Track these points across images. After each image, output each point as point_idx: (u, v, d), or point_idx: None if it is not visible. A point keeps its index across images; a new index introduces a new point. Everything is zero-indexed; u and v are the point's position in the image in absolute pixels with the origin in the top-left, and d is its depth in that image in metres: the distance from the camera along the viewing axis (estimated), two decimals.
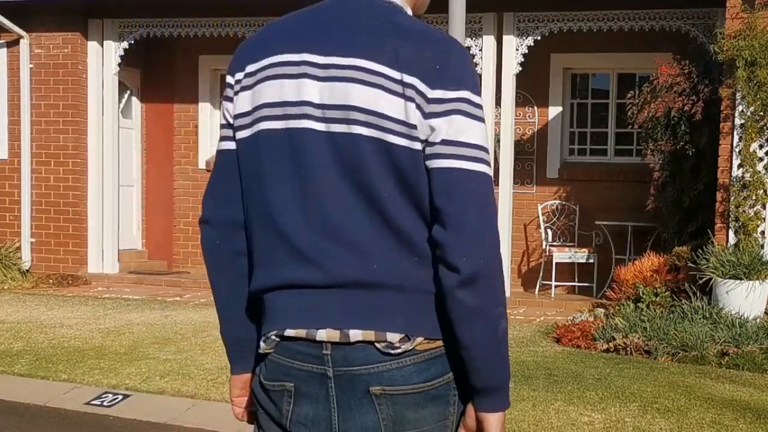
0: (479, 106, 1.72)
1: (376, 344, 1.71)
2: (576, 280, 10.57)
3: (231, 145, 1.86)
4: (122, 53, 10.80)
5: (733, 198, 7.95)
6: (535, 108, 10.84)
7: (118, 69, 10.87)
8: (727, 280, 7.67)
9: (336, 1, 1.82)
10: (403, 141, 1.68)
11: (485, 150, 1.71)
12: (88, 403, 5.76)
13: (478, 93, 1.74)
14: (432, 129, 1.68)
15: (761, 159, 7.95)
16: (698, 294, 7.83)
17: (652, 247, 9.27)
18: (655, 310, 7.90)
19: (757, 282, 7.64)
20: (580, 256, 10.27)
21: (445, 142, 1.68)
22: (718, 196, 8.12)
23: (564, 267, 10.46)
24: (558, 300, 9.97)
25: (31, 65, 10.79)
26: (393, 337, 1.71)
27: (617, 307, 8.18)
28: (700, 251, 7.90)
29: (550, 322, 8.49)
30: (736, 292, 7.63)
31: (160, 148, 11.76)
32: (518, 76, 10.56)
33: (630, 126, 9.30)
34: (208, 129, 11.73)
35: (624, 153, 10.72)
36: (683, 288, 8.05)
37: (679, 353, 7.10)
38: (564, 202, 10.74)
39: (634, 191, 10.02)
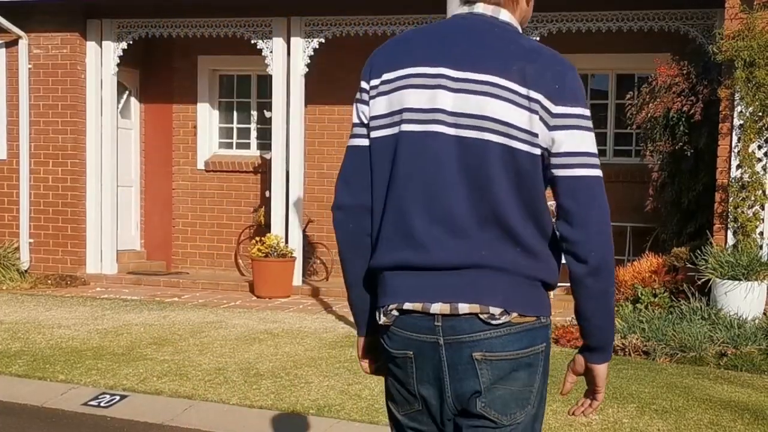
0: (589, 119, 2.10)
1: (480, 315, 2.09)
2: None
3: (365, 142, 2.21)
4: (121, 53, 10.80)
5: (731, 199, 7.94)
6: None
7: (116, 69, 10.86)
8: (726, 281, 7.66)
9: (461, 20, 2.18)
10: (525, 147, 2.06)
11: (597, 156, 2.11)
12: (85, 404, 5.75)
13: (585, 105, 2.10)
14: (554, 140, 2.06)
15: (760, 160, 7.94)
16: (697, 295, 7.82)
17: (651, 248, 9.26)
18: (653, 311, 7.89)
19: (756, 283, 7.63)
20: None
21: (568, 154, 2.07)
22: (717, 196, 8.11)
23: (565, 268, 10.42)
24: (558, 300, 9.93)
25: (30, 65, 10.78)
26: (495, 310, 2.10)
27: (616, 308, 8.17)
28: (699, 252, 7.89)
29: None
30: (734, 293, 7.62)
31: (159, 148, 11.75)
32: None
33: (629, 126, 9.29)
34: (207, 129, 11.72)
35: (623, 154, 10.70)
36: (682, 289, 8.03)
37: (677, 354, 7.09)
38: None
39: (633, 192, 10.00)
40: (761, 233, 7.98)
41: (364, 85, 2.21)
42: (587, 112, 2.10)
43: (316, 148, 11.28)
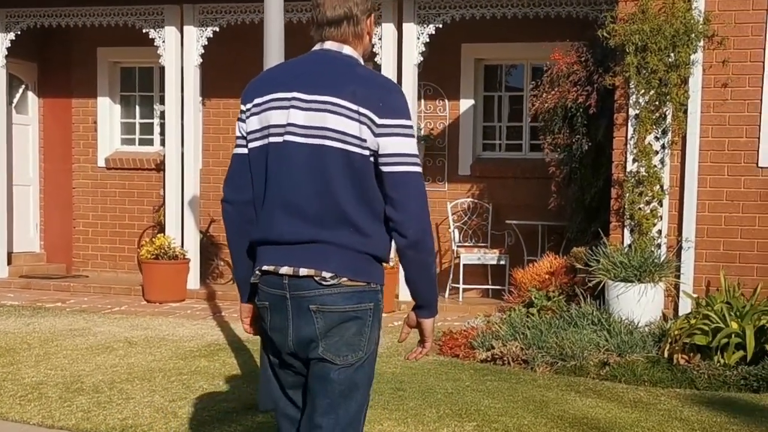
0: (409, 128, 2.72)
1: (315, 278, 2.71)
2: (489, 282, 10.01)
3: (244, 151, 2.86)
4: (9, 45, 10.19)
5: (627, 195, 7.37)
6: (446, 101, 10.25)
7: (5, 62, 10.25)
8: (618, 283, 7.10)
9: (314, 55, 2.84)
10: (357, 149, 2.68)
11: (417, 156, 2.73)
12: None
13: (410, 118, 2.74)
14: (379, 144, 2.67)
15: (657, 152, 7.37)
16: (589, 299, 7.26)
17: (562, 248, 8.69)
18: (544, 316, 7.32)
19: (650, 285, 7.06)
20: (490, 257, 9.69)
21: (390, 155, 2.68)
22: (613, 192, 7.54)
23: (477, 269, 9.88)
24: (465, 304, 9.39)
25: None
26: (326, 274, 2.71)
27: (509, 312, 7.60)
28: (592, 252, 7.32)
29: (446, 328, 7.89)
30: (626, 296, 7.06)
31: (59, 144, 11.15)
32: (428, 67, 10.03)
33: (531, 119, 8.72)
34: (108, 125, 11.12)
35: (540, 148, 10.11)
36: (579, 291, 7.47)
37: (558, 363, 6.53)
38: (477, 201, 10.15)
39: (547, 189, 9.42)
40: (660, 231, 7.41)
41: (242, 107, 2.88)
42: (408, 123, 2.72)
43: (221, 144, 10.69)
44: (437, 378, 6.12)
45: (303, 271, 2.72)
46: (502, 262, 9.62)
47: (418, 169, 2.74)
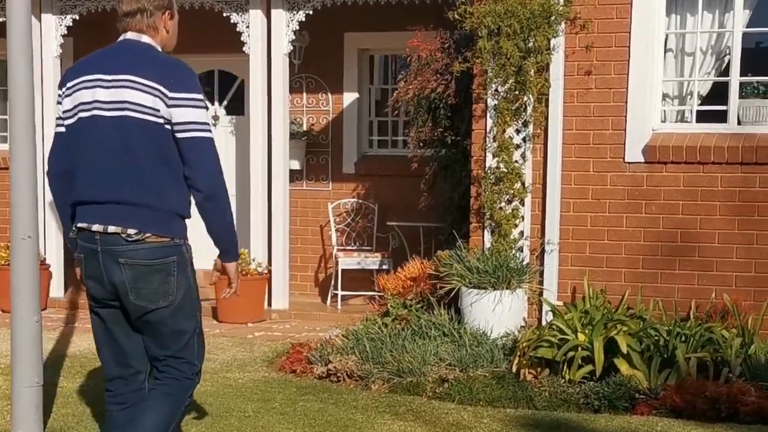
0: (200, 100, 3.33)
1: (121, 234, 3.29)
2: (377, 288, 9.35)
3: (62, 129, 3.46)
4: None
5: (487, 193, 6.74)
6: (329, 94, 9.59)
7: None
8: (471, 290, 6.47)
9: (117, 44, 3.45)
10: (153, 119, 3.26)
11: (206, 124, 3.33)
12: None
13: (199, 92, 3.34)
14: (171, 114, 3.26)
15: (518, 146, 6.75)
16: (443, 307, 6.64)
17: (433, 251, 8.05)
18: (395, 326, 6.69)
19: (507, 292, 6.44)
20: (371, 261, 9.04)
21: (181, 123, 3.28)
22: (472, 190, 6.91)
23: (361, 274, 9.22)
24: (343, 313, 8.72)
25: None
26: (131, 231, 3.29)
27: (364, 322, 6.96)
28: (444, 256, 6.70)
29: (304, 339, 7.23)
30: (480, 305, 6.43)
31: None
32: (309, 58, 9.39)
33: (396, 112, 8.10)
34: None
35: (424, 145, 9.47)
36: (432, 299, 6.83)
37: (394, 379, 5.90)
38: (362, 201, 9.51)
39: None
40: (522, 233, 6.79)
41: (59, 91, 3.47)
42: (197, 96, 3.30)
43: None
44: (246, 398, 5.46)
45: (111, 229, 3.27)
46: (385, 267, 8.97)
47: (208, 135, 3.31)
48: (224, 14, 8.63)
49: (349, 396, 5.57)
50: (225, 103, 10.00)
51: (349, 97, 9.55)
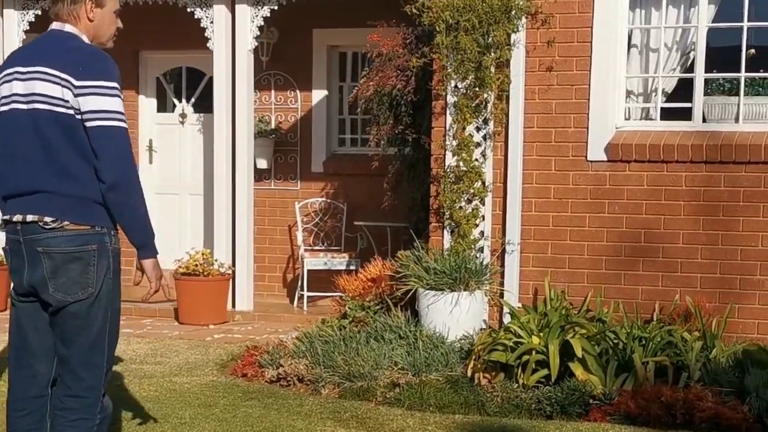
0: (111, 89, 3.23)
1: (39, 223, 3.25)
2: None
3: None
4: None
5: (446, 192, 6.57)
6: (298, 92, 9.41)
7: None
8: (428, 292, 6.30)
9: (43, 35, 3.42)
10: (63, 110, 3.21)
11: (117, 113, 3.23)
12: None
13: (112, 80, 3.24)
14: (80, 103, 3.20)
15: (479, 144, 6.58)
16: (401, 309, 6.46)
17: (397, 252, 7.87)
18: (352, 329, 6.51)
19: (465, 293, 6.26)
20: (338, 262, 8.86)
21: (90, 112, 3.21)
22: (432, 189, 6.74)
23: (328, 275, 9.02)
24: (309, 314, 8.53)
25: None
26: (48, 219, 3.24)
27: (320, 325, 6.78)
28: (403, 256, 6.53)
29: (263, 341, 7.06)
30: (437, 307, 6.26)
31: None
32: (278, 55, 9.23)
33: (358, 110, 7.92)
34: None
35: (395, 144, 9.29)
36: (396, 301, 6.66)
37: (345, 384, 5.72)
38: (330, 201, 9.33)
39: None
40: (482, 233, 6.62)
41: None
42: (109, 84, 3.23)
43: None
44: (187, 404, 5.29)
45: (29, 218, 3.25)
46: (352, 267, 8.78)
47: (118, 123, 3.22)
48: (188, 9, 8.46)
49: (295, 401, 5.39)
50: (193, 100, 9.82)
51: (318, 95, 9.37)
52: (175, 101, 9.91)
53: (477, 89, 6.44)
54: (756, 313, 6.16)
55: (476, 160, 6.55)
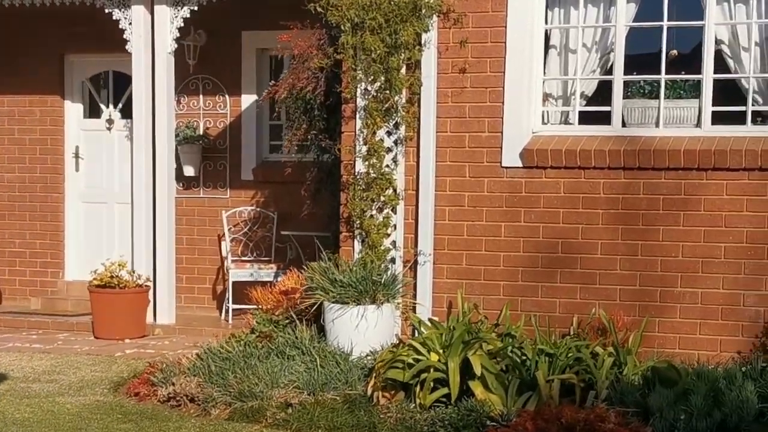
0: None
1: None
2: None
3: None
4: None
5: (356, 200, 6.25)
6: (227, 97, 9.08)
7: None
8: (333, 305, 5.98)
9: None
10: None
11: None
12: None
13: None
14: None
15: (390, 150, 6.27)
16: (305, 324, 6.14)
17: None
18: (258, 344, 6.18)
19: (372, 306, 5.95)
20: (265, 273, 8.53)
21: None
22: (342, 197, 6.44)
23: (259, 286, 8.67)
24: (234, 328, 8.16)
25: None
26: None
27: (225, 341, 6.44)
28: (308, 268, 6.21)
29: (175, 357, 6.70)
30: (342, 320, 5.94)
31: None
32: (206, 58, 8.91)
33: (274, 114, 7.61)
34: None
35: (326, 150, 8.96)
36: (304, 315, 6.33)
37: (236, 403, 5.39)
38: (261, 209, 9.00)
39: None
40: (394, 243, 6.30)
41: None
42: None
43: None
44: (56, 428, 4.94)
45: None
46: (280, 278, 8.45)
47: None
48: (106, 10, 8.13)
49: (175, 424, 5.06)
50: (120, 105, 9.48)
51: (248, 100, 9.04)
52: (102, 106, 9.57)
53: (387, 92, 6.14)
54: (677, 326, 5.87)
55: (387, 166, 6.24)
